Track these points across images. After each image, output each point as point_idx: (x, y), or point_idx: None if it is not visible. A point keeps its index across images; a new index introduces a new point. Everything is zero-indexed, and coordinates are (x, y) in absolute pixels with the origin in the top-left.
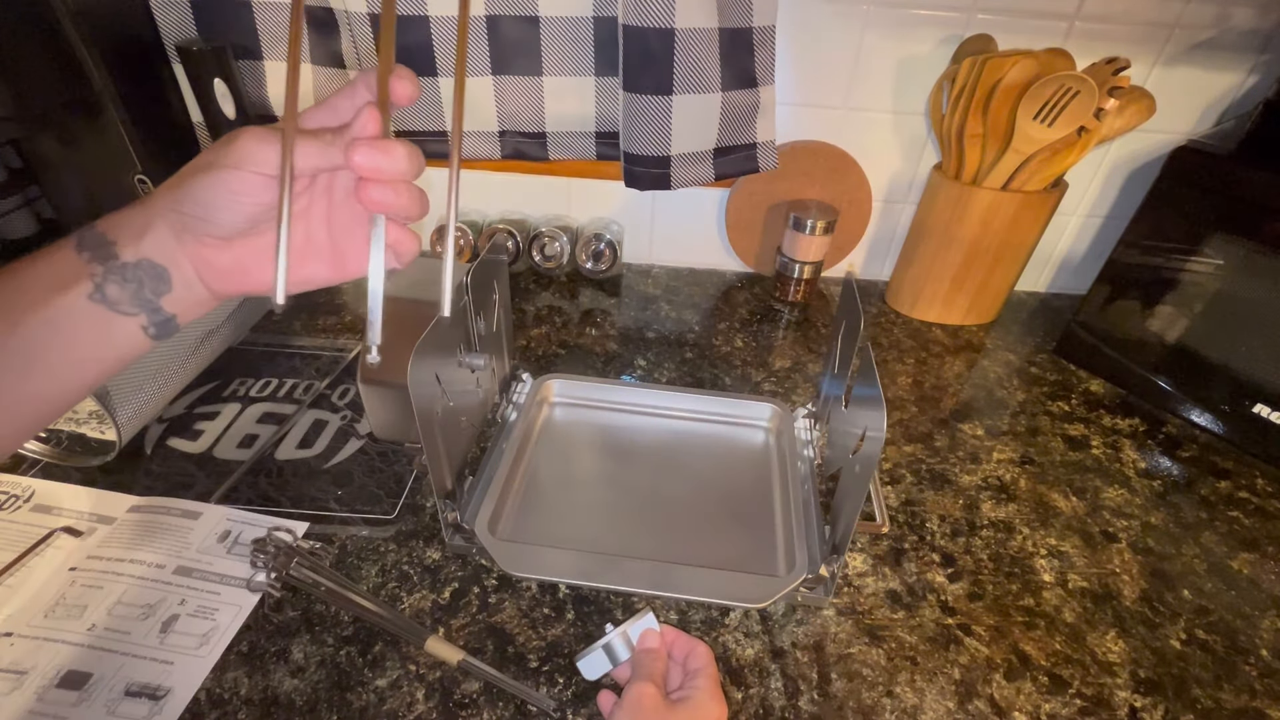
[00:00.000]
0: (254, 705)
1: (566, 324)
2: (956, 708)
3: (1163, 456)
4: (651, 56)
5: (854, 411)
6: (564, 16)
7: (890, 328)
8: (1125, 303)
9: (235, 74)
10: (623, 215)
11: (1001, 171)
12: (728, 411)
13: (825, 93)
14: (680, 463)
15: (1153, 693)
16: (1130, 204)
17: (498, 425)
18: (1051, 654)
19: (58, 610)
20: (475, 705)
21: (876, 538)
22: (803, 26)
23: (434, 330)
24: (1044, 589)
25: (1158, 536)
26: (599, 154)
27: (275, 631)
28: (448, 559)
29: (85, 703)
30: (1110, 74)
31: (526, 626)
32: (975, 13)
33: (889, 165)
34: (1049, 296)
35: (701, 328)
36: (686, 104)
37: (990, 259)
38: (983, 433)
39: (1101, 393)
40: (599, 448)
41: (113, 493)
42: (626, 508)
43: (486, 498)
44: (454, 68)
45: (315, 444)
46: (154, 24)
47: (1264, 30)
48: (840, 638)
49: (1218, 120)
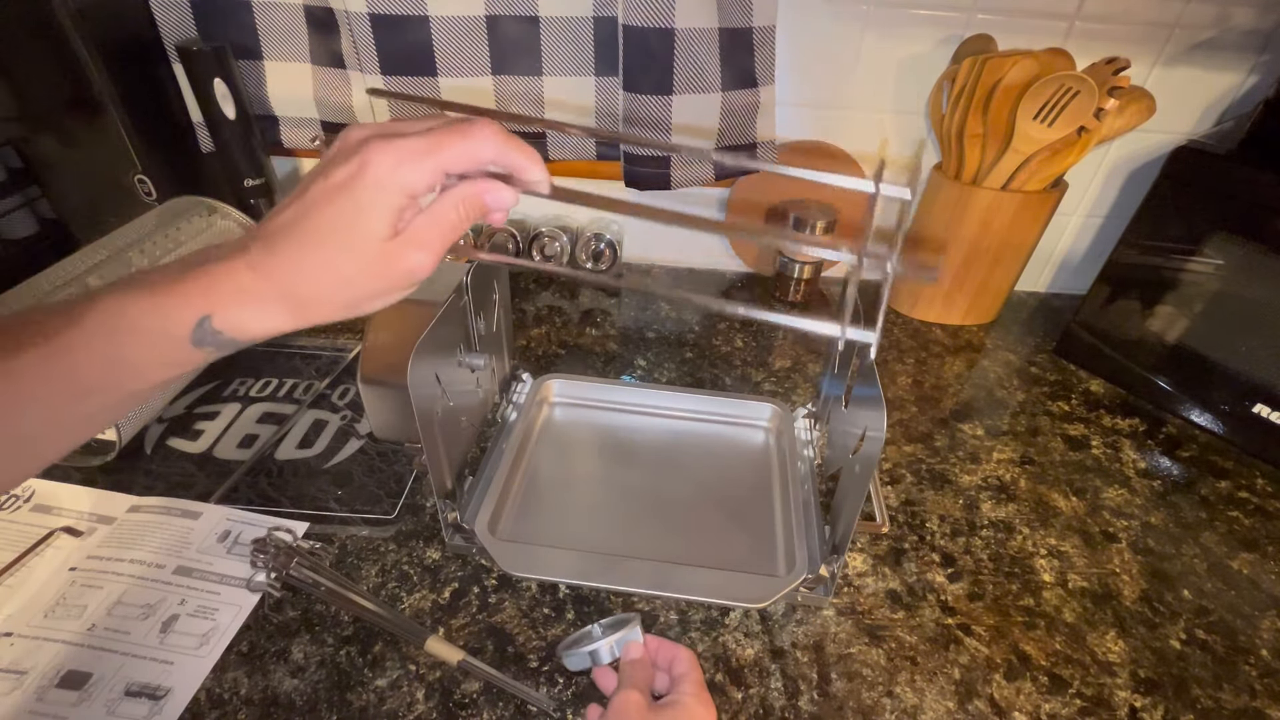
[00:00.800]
0: (254, 705)
1: (566, 324)
2: (956, 708)
3: (1163, 456)
4: (651, 56)
5: (854, 411)
6: (564, 16)
7: (890, 328)
8: (1125, 303)
9: (235, 74)
10: (623, 215)
11: (1001, 171)
12: (728, 411)
13: (825, 93)
14: (680, 463)
15: (1153, 693)
16: (1130, 204)
17: (498, 425)
18: (1051, 654)
19: (58, 610)
20: (475, 705)
21: (876, 538)
22: (802, 26)
23: (434, 330)
24: (1044, 589)
25: (1158, 536)
26: (599, 154)
27: (275, 631)
28: (448, 559)
29: (85, 703)
30: (1110, 74)
31: (526, 626)
32: (975, 13)
33: (889, 165)
34: (1049, 296)
35: (701, 328)
36: (686, 104)
37: (990, 259)
38: (983, 433)
39: (1101, 393)
40: (599, 448)
41: (113, 493)
42: (626, 508)
43: (486, 498)
44: (457, 67)
45: (315, 444)
46: (154, 24)
47: (1264, 30)
48: (840, 638)
49: (1218, 120)
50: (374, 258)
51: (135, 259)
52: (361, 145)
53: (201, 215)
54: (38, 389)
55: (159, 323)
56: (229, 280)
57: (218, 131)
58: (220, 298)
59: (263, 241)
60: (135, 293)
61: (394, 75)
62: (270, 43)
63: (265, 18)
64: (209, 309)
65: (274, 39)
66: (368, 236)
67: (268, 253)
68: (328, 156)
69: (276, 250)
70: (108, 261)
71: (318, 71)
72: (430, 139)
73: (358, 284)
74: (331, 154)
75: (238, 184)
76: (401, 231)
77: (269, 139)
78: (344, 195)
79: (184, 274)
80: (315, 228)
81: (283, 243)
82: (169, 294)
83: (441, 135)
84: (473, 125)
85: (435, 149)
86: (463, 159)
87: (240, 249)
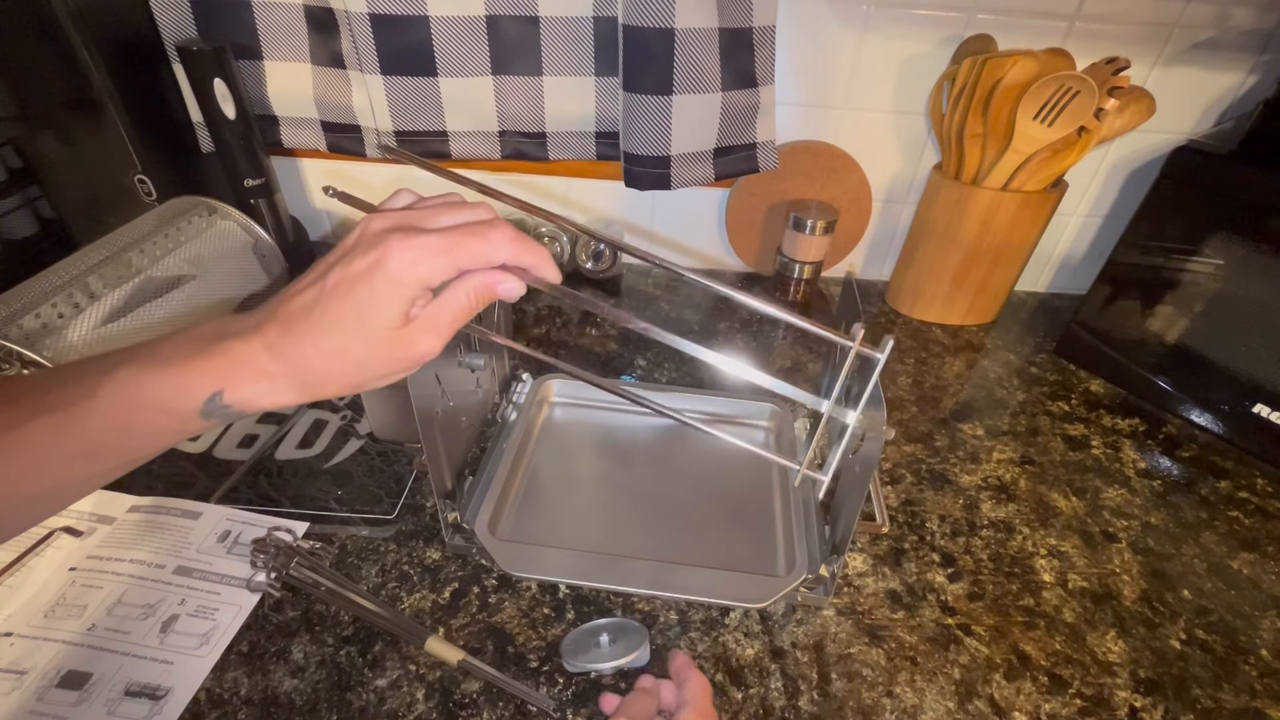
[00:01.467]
0: (254, 705)
1: (566, 324)
2: (956, 708)
3: (1163, 456)
4: (651, 56)
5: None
6: (564, 16)
7: (890, 328)
8: (1125, 303)
9: (235, 74)
10: (623, 215)
11: (1001, 171)
12: (728, 411)
13: (825, 93)
14: (680, 463)
15: (1153, 693)
16: (1130, 204)
17: (498, 425)
18: (1051, 654)
19: (58, 610)
20: (475, 705)
21: (876, 538)
22: (803, 26)
23: None
24: (1044, 589)
25: (1158, 536)
26: (599, 154)
27: (275, 631)
28: (448, 559)
29: (85, 703)
30: (1110, 74)
31: (526, 626)
32: (975, 13)
33: (889, 165)
34: (1049, 296)
35: (701, 328)
36: (686, 104)
37: (990, 259)
38: (983, 433)
39: (1101, 393)
40: (599, 448)
41: (112, 492)
42: (626, 508)
43: (486, 498)
44: (457, 67)
45: (315, 444)
46: (154, 24)
47: (1264, 30)
48: (840, 638)
49: (1218, 120)
50: (385, 343)
51: (135, 259)
52: (382, 238)
53: (201, 215)
54: (51, 454)
55: (172, 397)
56: (247, 361)
57: (218, 131)
58: (235, 376)
59: (280, 324)
60: (151, 367)
61: (394, 75)
62: (270, 43)
63: (265, 17)
64: (222, 385)
65: (274, 39)
66: (381, 325)
67: (284, 336)
68: (348, 243)
69: (293, 334)
70: (108, 261)
71: (318, 71)
72: (448, 239)
73: (367, 367)
74: (351, 241)
75: (238, 184)
76: (414, 319)
77: (269, 139)
78: (363, 285)
79: (201, 350)
80: (334, 316)
81: (300, 326)
82: (185, 371)
83: (459, 236)
84: (490, 228)
85: (452, 249)
86: (478, 260)
87: (257, 329)
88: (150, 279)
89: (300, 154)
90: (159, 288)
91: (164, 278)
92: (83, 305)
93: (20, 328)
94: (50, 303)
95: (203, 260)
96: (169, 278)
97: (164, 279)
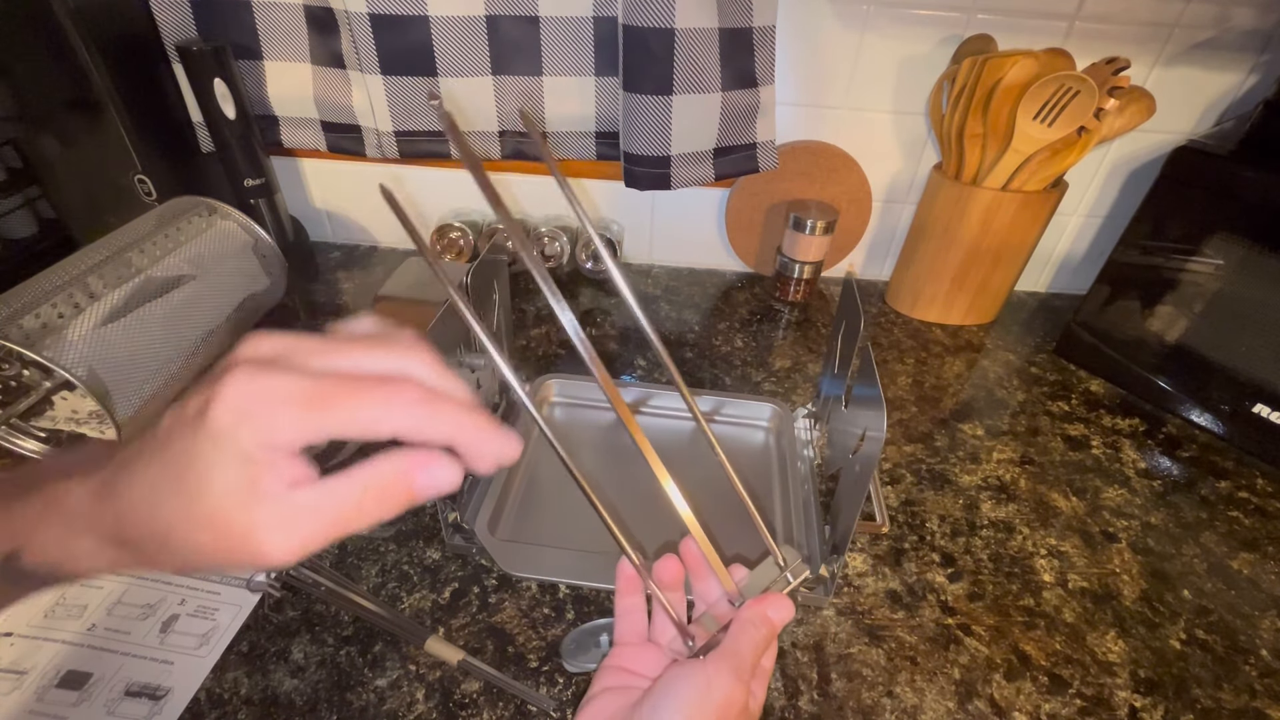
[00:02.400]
0: (254, 705)
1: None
2: (956, 708)
3: (1163, 456)
4: (651, 56)
5: (854, 411)
6: (564, 16)
7: (890, 328)
8: (1125, 303)
9: (235, 74)
10: (623, 215)
11: (1001, 171)
12: (728, 411)
13: (825, 93)
14: (680, 463)
15: (1153, 693)
16: (1130, 204)
17: None
18: (1051, 654)
19: (58, 610)
20: (475, 705)
21: (876, 538)
22: (802, 26)
23: (434, 330)
24: (1044, 589)
25: (1158, 536)
26: (599, 154)
27: (275, 631)
28: (448, 559)
29: (85, 703)
30: (1110, 74)
31: (526, 626)
32: (975, 13)
33: (889, 165)
34: (1049, 296)
35: (701, 328)
36: (686, 104)
37: (990, 259)
38: (983, 433)
39: (1101, 393)
40: (599, 448)
41: None
42: (626, 508)
43: (486, 498)
44: (457, 67)
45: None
46: (154, 24)
47: (1264, 30)
48: (840, 638)
49: (1218, 120)
50: (210, 526)
51: (135, 259)
52: (223, 374)
53: (201, 215)
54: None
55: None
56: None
57: (218, 131)
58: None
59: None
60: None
61: (394, 75)
62: (270, 43)
63: (265, 18)
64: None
65: (274, 39)
66: (203, 498)
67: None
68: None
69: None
70: (108, 261)
71: (318, 71)
72: (320, 387)
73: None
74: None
75: (238, 184)
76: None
77: (269, 139)
78: (188, 435)
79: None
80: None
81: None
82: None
83: (338, 386)
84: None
85: (319, 403)
86: (354, 427)
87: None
88: (150, 279)
89: (300, 154)
90: (159, 288)
91: (164, 278)
92: (83, 305)
93: (20, 328)
94: (50, 303)
95: (203, 260)
96: (169, 278)
97: (164, 279)
